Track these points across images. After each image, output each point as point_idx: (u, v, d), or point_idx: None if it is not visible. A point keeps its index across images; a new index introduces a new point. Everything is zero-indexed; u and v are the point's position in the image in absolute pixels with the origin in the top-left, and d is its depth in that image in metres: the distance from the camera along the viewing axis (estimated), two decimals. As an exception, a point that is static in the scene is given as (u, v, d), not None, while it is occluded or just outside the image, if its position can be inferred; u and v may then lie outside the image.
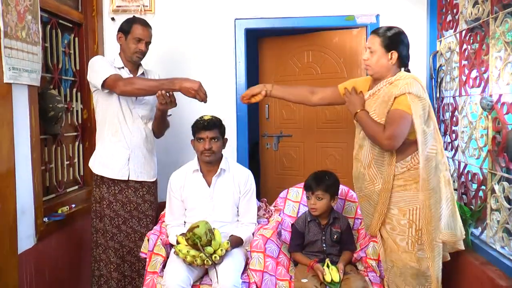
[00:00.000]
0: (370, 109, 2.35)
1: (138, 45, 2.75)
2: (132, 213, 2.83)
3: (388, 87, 2.31)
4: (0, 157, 2.23)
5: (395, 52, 2.31)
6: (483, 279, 2.20)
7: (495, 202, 2.32)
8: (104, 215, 2.79)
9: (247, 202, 2.73)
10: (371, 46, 2.35)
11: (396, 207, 2.32)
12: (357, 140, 2.47)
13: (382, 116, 2.29)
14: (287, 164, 4.02)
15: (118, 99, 2.75)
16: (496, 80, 2.33)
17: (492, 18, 2.35)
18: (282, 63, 3.98)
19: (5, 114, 2.28)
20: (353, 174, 2.53)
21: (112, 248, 2.80)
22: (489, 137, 2.40)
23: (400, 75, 2.31)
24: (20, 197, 2.39)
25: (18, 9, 2.38)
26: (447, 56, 3.03)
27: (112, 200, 2.79)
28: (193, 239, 2.34)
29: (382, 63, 2.33)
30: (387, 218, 2.36)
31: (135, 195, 2.82)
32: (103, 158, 2.78)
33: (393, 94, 2.26)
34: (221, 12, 3.54)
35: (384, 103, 2.29)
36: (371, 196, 2.40)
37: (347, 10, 3.49)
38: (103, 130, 2.80)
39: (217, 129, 2.65)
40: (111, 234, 2.79)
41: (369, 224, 2.47)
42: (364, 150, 2.41)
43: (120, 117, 2.77)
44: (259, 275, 2.45)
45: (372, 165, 2.36)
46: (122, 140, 2.77)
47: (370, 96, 2.38)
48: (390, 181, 2.31)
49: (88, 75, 2.77)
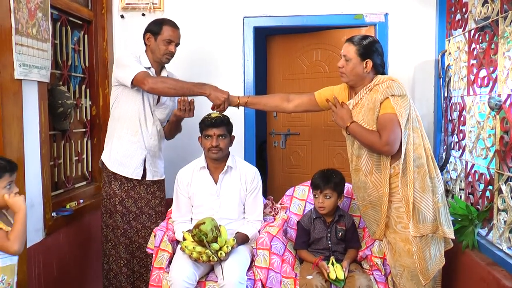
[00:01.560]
0: (358, 118, 2.38)
1: (168, 46, 2.76)
2: (143, 209, 2.86)
3: (370, 93, 2.36)
4: (10, 152, 2.26)
5: (370, 61, 2.36)
6: (489, 280, 2.19)
7: (502, 202, 2.30)
8: (115, 211, 2.82)
9: (254, 200, 2.74)
10: (347, 54, 2.38)
11: (402, 203, 2.33)
12: (353, 152, 2.49)
13: (372, 124, 2.33)
14: (294, 162, 4.03)
15: (142, 100, 2.76)
16: (504, 80, 2.32)
17: (501, 17, 2.34)
18: (290, 61, 3.99)
19: (15, 109, 2.31)
20: (354, 185, 2.56)
21: (123, 243, 2.84)
22: (496, 137, 2.39)
23: (378, 80, 2.37)
24: (29, 191, 2.42)
25: (29, 7, 2.40)
26: (456, 56, 3.01)
27: (124, 196, 2.82)
28: (199, 235, 2.36)
29: (357, 71, 2.37)
30: (397, 217, 2.36)
31: (146, 192, 2.87)
32: (120, 157, 2.78)
33: (377, 100, 2.30)
34: (229, 10, 3.55)
35: (370, 111, 2.33)
36: (376, 202, 2.40)
37: (356, 9, 3.48)
38: (121, 127, 2.79)
39: (224, 127, 2.66)
40: (122, 230, 2.83)
41: (375, 230, 2.48)
42: (363, 159, 2.42)
43: (142, 118, 2.78)
44: (265, 272, 2.47)
45: (374, 171, 2.38)
46: (141, 141, 2.79)
47: (354, 106, 2.42)
48: (386, 186, 2.34)
49: (114, 71, 2.76)
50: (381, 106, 2.30)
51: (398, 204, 2.35)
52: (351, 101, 2.45)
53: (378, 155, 2.35)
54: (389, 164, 2.33)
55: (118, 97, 2.79)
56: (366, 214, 2.52)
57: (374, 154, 2.36)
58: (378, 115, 2.30)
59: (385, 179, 2.34)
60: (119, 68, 2.72)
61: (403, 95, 2.30)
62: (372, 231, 2.52)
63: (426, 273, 2.32)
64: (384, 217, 2.38)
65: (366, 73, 2.38)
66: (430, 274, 2.33)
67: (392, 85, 2.30)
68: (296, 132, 4.00)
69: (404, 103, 2.29)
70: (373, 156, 2.37)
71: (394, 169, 2.33)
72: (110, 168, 2.80)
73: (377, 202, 2.40)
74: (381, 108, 2.30)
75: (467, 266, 2.44)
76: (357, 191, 2.53)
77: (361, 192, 2.49)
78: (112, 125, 2.85)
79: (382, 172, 2.35)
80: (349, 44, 2.39)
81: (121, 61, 2.74)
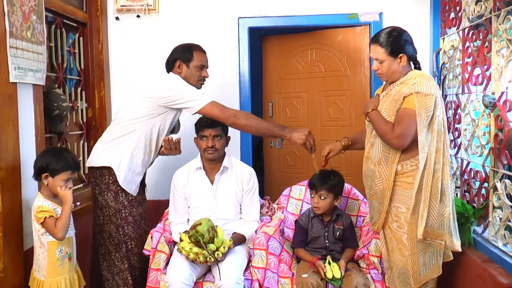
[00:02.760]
0: (382, 107, 2.38)
1: (201, 72, 2.72)
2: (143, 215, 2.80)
3: (399, 86, 2.34)
4: (6, 155, 2.27)
5: (403, 55, 2.32)
6: (484, 277, 2.20)
7: (497, 199, 2.32)
8: (108, 206, 2.76)
9: (250, 200, 2.75)
10: (378, 57, 2.35)
11: (404, 205, 2.33)
12: (369, 139, 2.49)
13: (391, 114, 2.32)
14: (290, 162, 4.04)
15: (160, 126, 2.64)
16: (498, 78, 2.33)
17: (494, 15, 2.35)
18: (285, 61, 4.00)
19: (10, 113, 2.31)
20: (364, 173, 2.54)
21: (131, 250, 2.76)
22: (491, 135, 2.40)
23: (411, 75, 2.33)
24: (25, 194, 2.42)
25: (23, 10, 2.41)
26: (450, 54, 3.03)
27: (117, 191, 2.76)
28: (196, 236, 2.36)
29: (394, 69, 2.35)
30: (394, 216, 2.37)
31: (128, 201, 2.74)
32: (131, 175, 2.65)
33: (402, 93, 2.29)
34: (224, 10, 3.56)
35: (394, 102, 2.32)
36: (380, 194, 2.41)
37: (350, 8, 3.49)
38: (141, 146, 2.63)
39: (220, 127, 2.67)
40: (116, 225, 2.81)
41: (375, 221, 2.49)
42: (375, 147, 2.43)
43: (159, 141, 2.69)
44: (262, 272, 2.47)
45: (382, 162, 2.38)
46: (149, 163, 2.75)
47: (383, 97, 2.42)
48: (391, 179, 2.33)
49: (163, 90, 2.57)
50: (404, 100, 2.28)
51: (398, 203, 2.34)
52: (383, 93, 2.45)
53: (389, 147, 2.34)
54: (397, 159, 2.31)
55: (143, 113, 2.59)
56: (371, 204, 2.52)
57: (386, 146, 2.35)
58: (399, 107, 2.29)
59: (390, 172, 2.33)
60: (180, 92, 2.55)
61: (429, 94, 2.23)
62: (373, 221, 2.53)
63: (418, 278, 2.31)
64: (385, 210, 2.38)
65: (402, 67, 2.35)
66: (421, 280, 2.32)
67: (421, 82, 2.25)
68: (292, 132, 4.00)
69: (428, 103, 2.23)
70: (385, 147, 2.36)
71: (401, 167, 2.31)
72: (120, 182, 2.61)
73: (380, 194, 2.40)
74: (403, 102, 2.28)
75: (463, 263, 2.45)
76: (365, 179, 2.52)
77: (369, 181, 2.48)
78: (131, 138, 2.61)
79: (389, 165, 2.34)
80: (376, 46, 2.35)
81: (179, 85, 2.59)
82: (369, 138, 2.50)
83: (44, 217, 2.16)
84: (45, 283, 2.22)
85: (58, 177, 2.21)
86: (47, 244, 2.21)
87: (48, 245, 2.21)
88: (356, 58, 3.70)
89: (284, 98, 4.03)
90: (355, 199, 2.95)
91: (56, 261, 2.22)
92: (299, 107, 3.96)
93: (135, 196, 2.70)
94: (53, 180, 2.21)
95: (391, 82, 2.41)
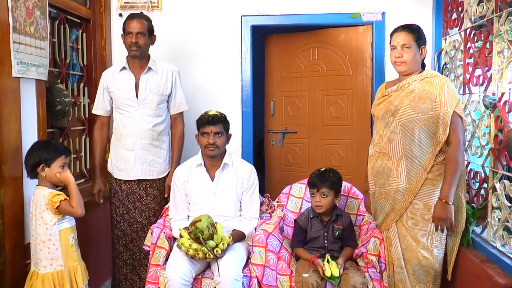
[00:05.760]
0: (403, 102, 2.40)
1: (126, 39, 2.83)
2: (135, 204, 2.93)
3: (420, 83, 2.39)
4: (8, 150, 2.29)
5: (424, 47, 2.43)
6: (482, 277, 2.21)
7: (496, 200, 2.32)
8: (111, 203, 2.95)
9: (250, 197, 2.76)
10: (406, 43, 2.40)
11: (421, 201, 2.37)
12: (385, 133, 2.48)
13: (419, 111, 2.35)
14: (291, 160, 4.05)
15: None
16: (499, 79, 2.33)
17: (496, 16, 2.35)
18: (288, 60, 4.00)
19: (13, 107, 2.33)
20: (374, 170, 2.54)
21: (116, 235, 2.94)
22: (491, 136, 2.41)
23: (430, 73, 2.42)
24: (27, 188, 2.44)
25: (27, 5, 2.42)
26: (452, 54, 3.03)
27: (118, 190, 2.93)
28: (195, 232, 2.38)
29: (416, 58, 2.42)
30: (409, 213, 2.40)
31: (138, 187, 2.92)
32: None
33: (433, 93, 2.33)
34: (227, 8, 3.57)
35: (421, 99, 2.36)
36: (392, 194, 2.43)
37: (353, 8, 3.50)
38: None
39: (221, 124, 2.68)
40: (115, 222, 2.93)
41: (382, 220, 2.51)
42: (394, 143, 2.43)
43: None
44: (261, 269, 2.49)
45: (403, 161, 2.40)
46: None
47: (397, 90, 2.45)
48: (423, 178, 2.37)
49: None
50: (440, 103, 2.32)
51: (415, 200, 2.38)
52: (392, 88, 2.49)
53: (428, 150, 2.38)
54: (438, 159, 2.37)
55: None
56: (377, 203, 2.54)
57: (424, 146, 2.38)
58: (443, 111, 2.31)
59: (423, 173, 2.37)
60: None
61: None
62: (379, 220, 2.55)
63: (434, 272, 2.40)
64: (401, 211, 2.42)
65: (421, 59, 2.44)
66: (437, 275, 2.42)
67: (450, 86, 2.36)
68: (293, 131, 4.01)
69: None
70: (406, 143, 2.39)
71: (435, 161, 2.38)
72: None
73: (392, 195, 2.43)
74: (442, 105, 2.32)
75: (462, 263, 2.46)
76: (377, 176, 2.52)
77: (382, 179, 2.49)
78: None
79: (423, 166, 2.37)
80: (406, 32, 2.42)
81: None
82: (384, 132, 2.48)
83: (60, 200, 2.22)
84: (64, 271, 2.26)
85: (54, 165, 2.27)
86: (59, 233, 2.26)
87: (61, 234, 2.27)
88: (358, 57, 3.70)
89: (286, 96, 4.04)
90: (354, 198, 2.96)
91: (71, 247, 2.30)
92: (300, 106, 3.97)
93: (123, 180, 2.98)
94: (49, 169, 2.27)
95: (406, 75, 2.45)
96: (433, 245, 2.38)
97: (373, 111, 2.61)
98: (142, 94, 2.84)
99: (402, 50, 2.41)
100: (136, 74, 2.87)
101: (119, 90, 2.85)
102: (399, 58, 2.42)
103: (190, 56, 3.58)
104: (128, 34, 2.81)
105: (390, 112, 2.45)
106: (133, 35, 2.79)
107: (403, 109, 2.40)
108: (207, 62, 3.59)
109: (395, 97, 2.45)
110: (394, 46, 2.44)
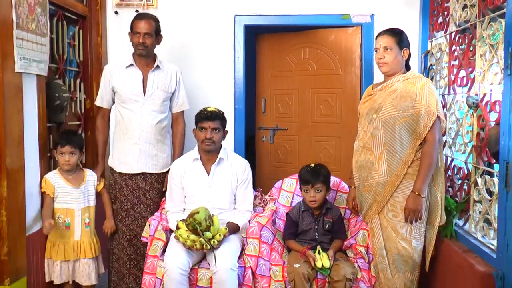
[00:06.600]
0: (386, 101, 2.53)
1: (134, 38, 2.88)
2: (141, 199, 2.97)
3: (403, 83, 2.53)
4: (11, 143, 2.34)
5: (406, 50, 2.57)
6: (464, 266, 2.34)
7: (478, 194, 2.46)
8: (116, 198, 2.97)
9: (244, 191, 2.86)
10: (387, 45, 2.55)
11: (401, 194, 2.50)
12: (368, 129, 2.60)
13: (400, 109, 2.48)
14: (282, 156, 4.15)
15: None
16: (481, 80, 2.47)
17: (479, 21, 2.49)
18: (279, 59, 4.10)
19: (16, 102, 2.39)
20: (358, 163, 2.66)
21: (121, 230, 2.96)
22: (474, 134, 2.54)
23: (413, 74, 2.56)
24: (28, 181, 2.50)
25: (29, 2, 2.48)
26: (438, 56, 3.16)
27: (123, 185, 2.95)
28: (193, 224, 2.46)
29: (398, 60, 2.56)
30: (390, 205, 2.53)
31: (144, 182, 2.96)
32: None
33: (413, 92, 2.47)
34: (221, 8, 3.65)
35: (403, 98, 2.49)
36: (374, 187, 2.55)
37: (343, 9, 3.60)
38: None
39: (219, 120, 2.77)
40: (120, 217, 2.95)
41: (365, 212, 2.63)
42: (376, 139, 2.56)
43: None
44: (254, 260, 2.58)
45: (384, 155, 2.52)
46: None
47: (383, 88, 2.60)
48: (403, 172, 2.50)
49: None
50: (419, 101, 2.45)
51: (396, 193, 2.51)
52: (377, 88, 2.64)
53: (408, 146, 2.50)
54: (417, 156, 2.49)
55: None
56: (361, 195, 2.66)
57: (405, 143, 2.51)
58: (423, 110, 2.44)
59: (403, 167, 2.49)
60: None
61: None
62: (363, 212, 2.68)
63: (413, 262, 2.54)
64: (383, 202, 2.54)
65: (403, 60, 2.59)
66: (415, 265, 2.56)
67: (431, 87, 2.49)
68: (284, 128, 4.11)
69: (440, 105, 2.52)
70: (386, 139, 2.52)
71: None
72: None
73: (374, 187, 2.55)
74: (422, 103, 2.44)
75: (445, 254, 2.59)
76: (359, 170, 2.65)
77: (364, 172, 2.61)
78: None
79: (402, 160, 2.50)
80: (388, 36, 2.57)
81: None
82: (368, 128, 2.60)
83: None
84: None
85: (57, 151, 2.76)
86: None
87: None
88: (347, 57, 3.82)
89: (277, 94, 4.14)
90: (344, 192, 3.07)
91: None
92: (291, 104, 4.07)
93: (129, 175, 3.05)
94: (57, 154, 2.76)
95: (389, 76, 2.59)
96: (412, 236, 2.50)
97: (359, 109, 2.74)
98: (149, 90, 2.91)
99: (384, 52, 2.55)
100: (143, 71, 2.93)
101: (126, 86, 2.90)
102: (381, 60, 2.57)
103: (184, 54, 3.64)
104: (135, 34, 2.86)
105: (374, 110, 2.58)
106: (141, 36, 2.84)
107: (385, 107, 2.53)
108: (201, 60, 3.66)
109: (379, 96, 2.59)
110: (377, 49, 2.59)
